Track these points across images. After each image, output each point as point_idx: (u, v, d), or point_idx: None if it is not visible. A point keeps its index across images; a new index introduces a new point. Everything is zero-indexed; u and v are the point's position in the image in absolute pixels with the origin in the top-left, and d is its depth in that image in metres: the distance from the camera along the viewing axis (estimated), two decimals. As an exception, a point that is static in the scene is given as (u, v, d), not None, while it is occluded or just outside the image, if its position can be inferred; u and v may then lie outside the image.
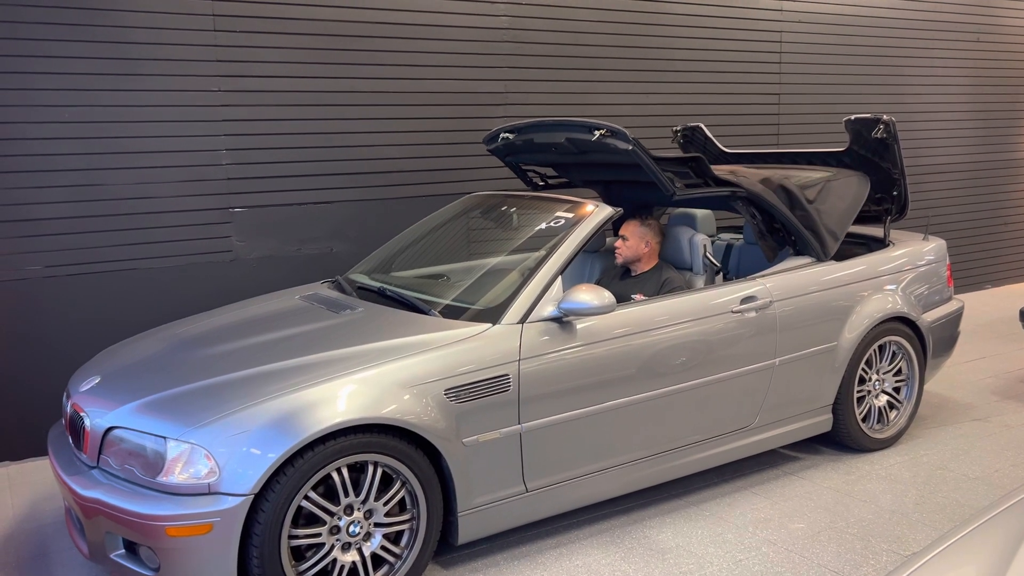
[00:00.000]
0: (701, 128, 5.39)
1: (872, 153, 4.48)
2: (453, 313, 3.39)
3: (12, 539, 3.64)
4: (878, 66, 7.47)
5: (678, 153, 3.96)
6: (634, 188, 4.74)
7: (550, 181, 5.01)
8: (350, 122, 5.20)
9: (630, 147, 3.66)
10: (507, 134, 4.41)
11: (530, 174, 4.95)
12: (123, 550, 2.84)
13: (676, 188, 3.83)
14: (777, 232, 4.25)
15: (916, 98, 7.77)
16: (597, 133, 3.78)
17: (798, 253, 4.23)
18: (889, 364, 4.42)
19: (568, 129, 4.00)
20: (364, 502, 2.95)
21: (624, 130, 3.69)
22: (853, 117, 4.43)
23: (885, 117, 4.31)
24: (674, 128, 5.54)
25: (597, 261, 4.66)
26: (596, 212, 3.65)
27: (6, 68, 4.29)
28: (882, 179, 4.55)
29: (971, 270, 8.46)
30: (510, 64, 5.69)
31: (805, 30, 6.98)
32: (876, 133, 4.33)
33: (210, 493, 2.70)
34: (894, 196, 4.58)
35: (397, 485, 3.01)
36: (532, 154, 4.51)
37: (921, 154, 7.88)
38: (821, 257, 4.19)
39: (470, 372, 3.10)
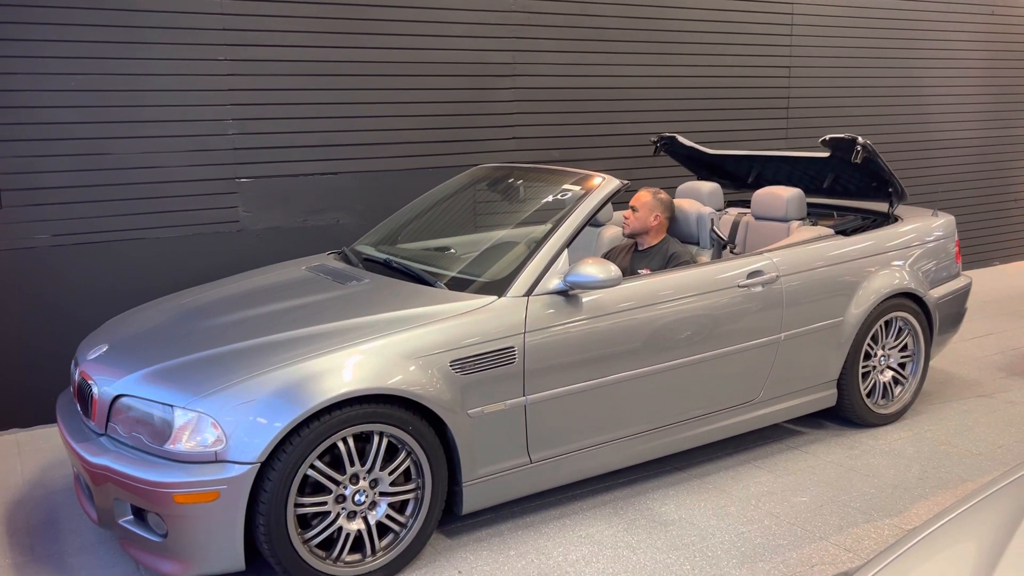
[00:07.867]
0: (676, 138, 5.36)
1: (856, 167, 4.49)
2: (459, 285, 3.39)
3: (22, 505, 3.68)
4: (890, 39, 7.37)
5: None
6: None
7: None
8: (357, 92, 5.17)
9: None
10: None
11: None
12: (131, 516, 2.87)
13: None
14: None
15: (928, 72, 7.68)
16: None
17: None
18: (895, 340, 4.41)
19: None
20: (370, 472, 2.98)
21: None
22: (828, 137, 4.41)
23: (860, 140, 4.28)
24: (652, 139, 5.54)
25: (604, 234, 4.65)
26: (603, 185, 3.63)
27: (13, 35, 4.27)
28: (874, 179, 4.56)
29: (979, 246, 8.41)
30: (519, 35, 5.63)
31: (817, 1, 6.89)
32: (855, 158, 4.33)
33: (217, 461, 2.72)
34: (889, 193, 4.59)
35: (402, 455, 3.03)
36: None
37: (932, 129, 7.81)
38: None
39: (476, 344, 3.11)
